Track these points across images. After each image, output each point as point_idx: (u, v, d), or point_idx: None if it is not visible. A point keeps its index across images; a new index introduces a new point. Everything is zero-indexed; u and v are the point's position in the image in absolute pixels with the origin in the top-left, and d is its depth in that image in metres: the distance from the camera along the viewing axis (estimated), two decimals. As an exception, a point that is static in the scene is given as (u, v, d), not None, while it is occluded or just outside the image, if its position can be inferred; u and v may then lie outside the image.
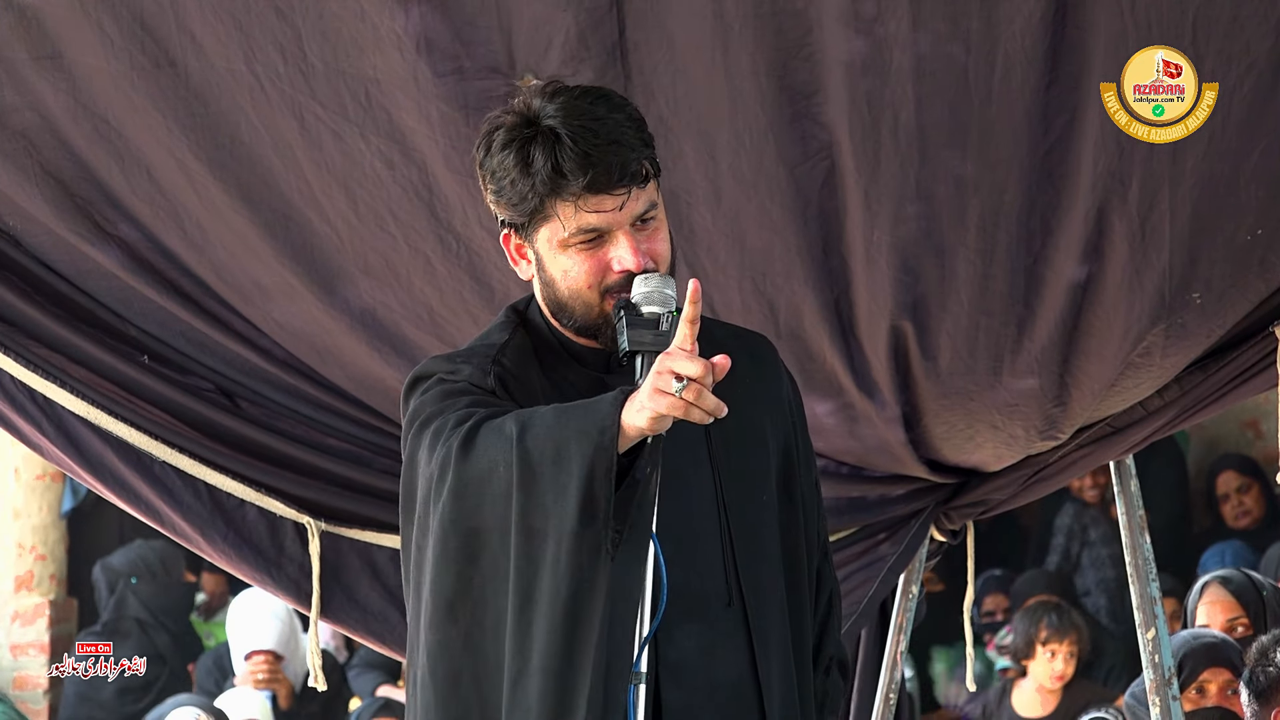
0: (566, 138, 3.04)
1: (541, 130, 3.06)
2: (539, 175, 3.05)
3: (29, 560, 9.34)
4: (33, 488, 9.38)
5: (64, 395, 4.12)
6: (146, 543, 9.16)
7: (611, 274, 3.08)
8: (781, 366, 3.32)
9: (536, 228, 3.11)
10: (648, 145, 3.11)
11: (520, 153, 3.07)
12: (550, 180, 3.04)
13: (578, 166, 3.03)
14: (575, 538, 2.89)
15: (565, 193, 3.05)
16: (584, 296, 3.10)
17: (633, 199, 3.07)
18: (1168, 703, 4.44)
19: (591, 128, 3.06)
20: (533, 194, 3.06)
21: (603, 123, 3.07)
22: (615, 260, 3.07)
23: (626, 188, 3.06)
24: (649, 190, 3.10)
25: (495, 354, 3.16)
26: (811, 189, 3.90)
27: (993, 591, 9.03)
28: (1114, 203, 3.87)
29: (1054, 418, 4.16)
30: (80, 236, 4.05)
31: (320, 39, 3.82)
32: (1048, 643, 7.82)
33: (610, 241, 3.08)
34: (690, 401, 2.82)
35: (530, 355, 3.18)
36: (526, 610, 2.93)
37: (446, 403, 3.07)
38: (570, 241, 3.08)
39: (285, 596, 4.35)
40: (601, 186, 3.05)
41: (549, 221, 3.09)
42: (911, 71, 3.77)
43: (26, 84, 3.93)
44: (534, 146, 3.06)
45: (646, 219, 3.10)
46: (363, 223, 3.98)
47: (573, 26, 3.77)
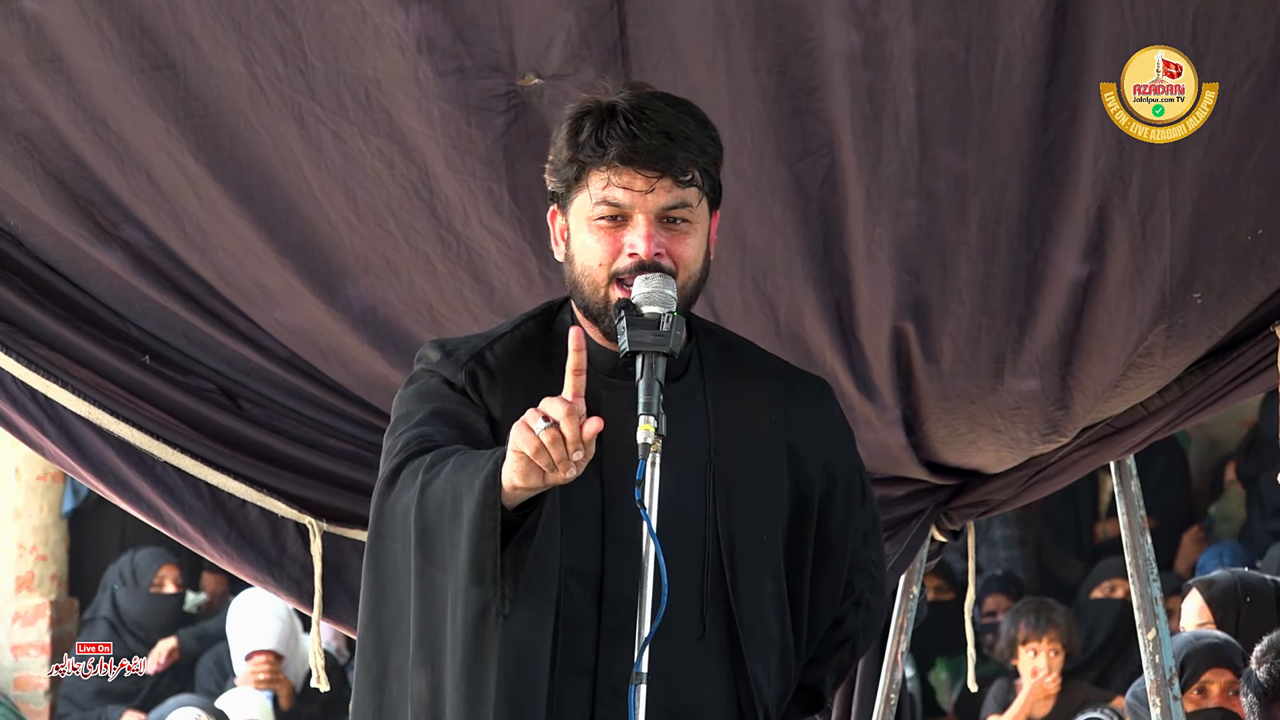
0: (621, 115, 3.08)
1: (603, 106, 3.10)
2: (583, 143, 3.08)
3: (30, 560, 9.33)
4: (34, 488, 9.37)
5: (66, 395, 4.12)
6: (137, 550, 9.19)
7: (623, 259, 3.08)
8: (830, 415, 3.28)
9: (572, 198, 3.13)
10: (705, 155, 3.12)
11: (575, 122, 3.11)
12: (590, 148, 3.07)
13: (616, 138, 3.06)
14: (466, 595, 2.93)
15: (600, 162, 3.07)
16: (593, 276, 3.10)
17: (663, 188, 3.08)
18: (1168, 703, 4.44)
19: (649, 114, 3.09)
20: (573, 161, 3.09)
21: (662, 114, 3.10)
22: (629, 244, 3.08)
23: (659, 173, 3.07)
24: (687, 193, 3.10)
25: (484, 346, 3.18)
26: (812, 185, 3.90)
27: (994, 592, 9.04)
28: (1114, 201, 3.87)
29: (1056, 420, 4.15)
30: (82, 237, 4.06)
31: (320, 39, 3.82)
32: (1027, 642, 7.89)
33: (630, 225, 3.09)
34: (545, 444, 2.81)
35: (533, 348, 3.19)
36: (425, 661, 2.98)
37: (411, 408, 3.12)
38: (594, 216, 3.09)
39: (287, 597, 4.35)
40: (632, 162, 3.06)
41: (583, 191, 3.10)
42: (912, 68, 3.78)
43: (27, 88, 3.93)
44: (589, 118, 3.10)
45: (675, 218, 3.10)
46: (363, 222, 3.99)
47: (574, 25, 3.77)
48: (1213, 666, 5.05)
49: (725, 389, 3.19)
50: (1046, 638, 7.87)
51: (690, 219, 3.11)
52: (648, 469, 2.96)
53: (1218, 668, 5.05)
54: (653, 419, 2.95)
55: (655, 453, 2.94)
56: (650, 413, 2.96)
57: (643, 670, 2.92)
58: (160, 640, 8.94)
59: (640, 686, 2.92)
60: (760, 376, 3.21)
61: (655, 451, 2.94)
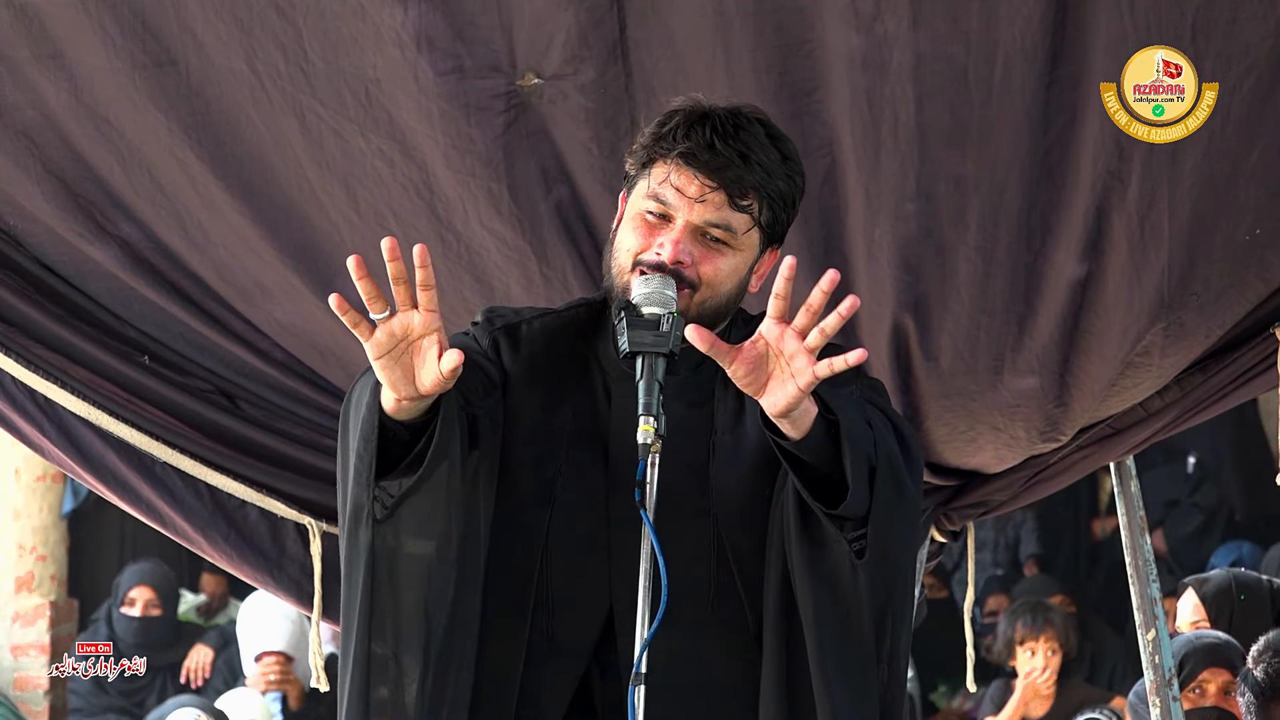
0: (711, 121, 3.12)
1: (701, 108, 3.15)
2: (665, 133, 3.12)
3: (29, 561, 9.33)
4: (33, 488, 9.37)
5: (65, 396, 4.12)
6: (132, 563, 9.19)
7: (650, 253, 3.11)
8: (852, 381, 3.24)
9: (635, 184, 3.17)
10: (775, 189, 3.13)
11: (671, 113, 3.16)
12: (667, 139, 3.11)
13: (689, 138, 3.10)
14: (349, 495, 3.13)
15: (668, 156, 3.11)
16: (620, 262, 3.14)
17: (714, 203, 3.10)
18: (1168, 703, 4.44)
19: (738, 131, 3.12)
20: (648, 147, 3.13)
21: (752, 136, 3.13)
22: (658, 243, 3.11)
23: (716, 185, 3.09)
24: (737, 217, 3.11)
25: (523, 320, 3.24)
26: (812, 186, 3.90)
27: (995, 592, 9.05)
28: (1113, 201, 3.87)
29: (1055, 419, 4.15)
30: (81, 236, 4.06)
31: (321, 37, 3.82)
32: (1024, 641, 7.90)
33: (668, 227, 3.11)
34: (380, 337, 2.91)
35: (572, 332, 3.22)
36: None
37: None
38: (641, 205, 3.13)
39: (287, 597, 4.35)
40: (696, 165, 3.09)
41: (645, 180, 3.14)
42: (912, 70, 3.78)
43: (28, 83, 3.93)
44: (683, 113, 3.14)
45: (715, 237, 3.11)
46: (363, 221, 3.99)
47: (574, 25, 3.77)
48: (1210, 666, 5.06)
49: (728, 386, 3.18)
50: (1044, 637, 7.89)
51: (731, 243, 3.12)
52: (648, 469, 2.96)
53: (1215, 667, 5.06)
54: (652, 419, 2.96)
55: (655, 453, 2.95)
56: (650, 413, 2.97)
57: (643, 671, 2.92)
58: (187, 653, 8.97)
59: (640, 688, 2.92)
60: None
61: (655, 452, 2.95)
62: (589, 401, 3.20)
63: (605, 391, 3.19)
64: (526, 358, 3.20)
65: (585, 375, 3.14)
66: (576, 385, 3.21)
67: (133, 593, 9.04)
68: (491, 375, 3.19)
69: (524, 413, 3.18)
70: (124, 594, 9.03)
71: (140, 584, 9.05)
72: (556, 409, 3.19)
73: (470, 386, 3.11)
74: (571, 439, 3.17)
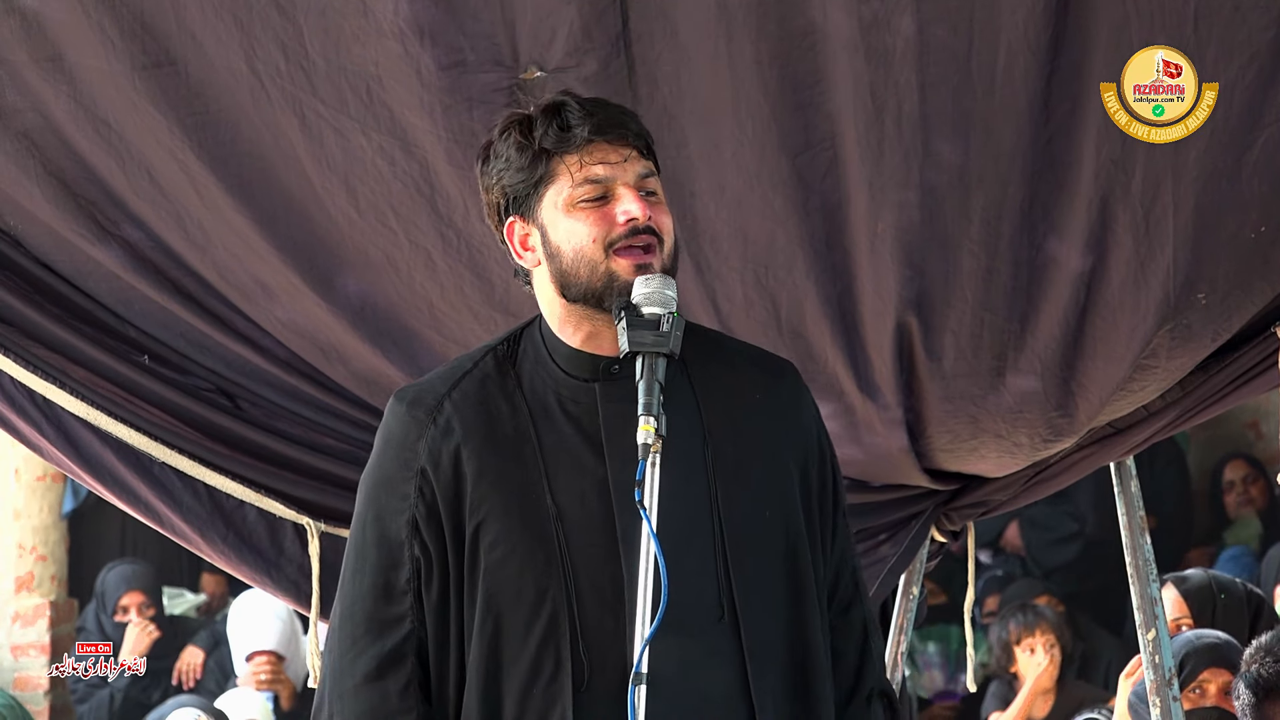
0: (571, 102, 3.11)
1: (544, 107, 3.13)
2: (545, 135, 3.09)
3: (29, 561, 9.33)
4: (33, 488, 9.37)
5: (64, 396, 4.11)
6: (111, 568, 9.18)
7: (616, 227, 3.08)
8: (804, 394, 3.28)
9: (541, 195, 3.12)
10: (649, 138, 3.16)
11: (522, 127, 3.13)
12: (556, 136, 3.09)
13: (583, 119, 3.09)
14: None
15: (571, 146, 3.09)
16: (589, 256, 3.09)
17: (634, 158, 3.12)
18: (1168, 703, 4.44)
19: (592, 100, 3.15)
20: (538, 157, 3.10)
21: (600, 100, 3.18)
22: (621, 213, 3.09)
23: (629, 145, 3.11)
24: (649, 164, 3.14)
25: (444, 396, 3.15)
26: (814, 179, 3.90)
27: (994, 592, 9.04)
28: (1117, 193, 3.87)
29: (1058, 425, 4.14)
30: (82, 237, 4.05)
31: (322, 35, 3.82)
32: (1021, 640, 7.89)
33: (614, 198, 3.09)
34: None
35: (492, 379, 3.17)
36: None
37: (355, 583, 3.18)
38: (576, 198, 3.09)
39: (285, 597, 4.34)
40: (605, 133, 3.09)
41: (554, 182, 3.11)
42: (915, 60, 3.78)
43: (28, 86, 3.93)
44: (537, 118, 3.12)
45: (648, 189, 3.12)
46: (364, 218, 3.98)
47: (576, 19, 3.77)
48: (1210, 666, 5.05)
49: (708, 374, 3.18)
50: (1039, 630, 7.88)
51: (658, 190, 3.15)
52: (648, 469, 2.96)
53: (1215, 667, 5.05)
54: (653, 419, 2.96)
55: (655, 453, 2.94)
56: (650, 413, 2.96)
57: (643, 671, 2.92)
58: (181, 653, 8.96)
59: (640, 688, 2.91)
60: (736, 361, 3.22)
61: (655, 452, 2.94)
62: (552, 428, 3.16)
63: (564, 413, 3.15)
64: (466, 433, 3.13)
65: (537, 413, 3.13)
66: (527, 424, 3.17)
67: (124, 600, 9.02)
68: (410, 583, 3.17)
69: (495, 480, 3.13)
70: (115, 603, 9.00)
71: (129, 591, 9.03)
72: (522, 455, 3.15)
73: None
74: (550, 472, 3.13)
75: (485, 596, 3.08)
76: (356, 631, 3.14)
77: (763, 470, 3.16)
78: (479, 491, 3.10)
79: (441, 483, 3.12)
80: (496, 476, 3.11)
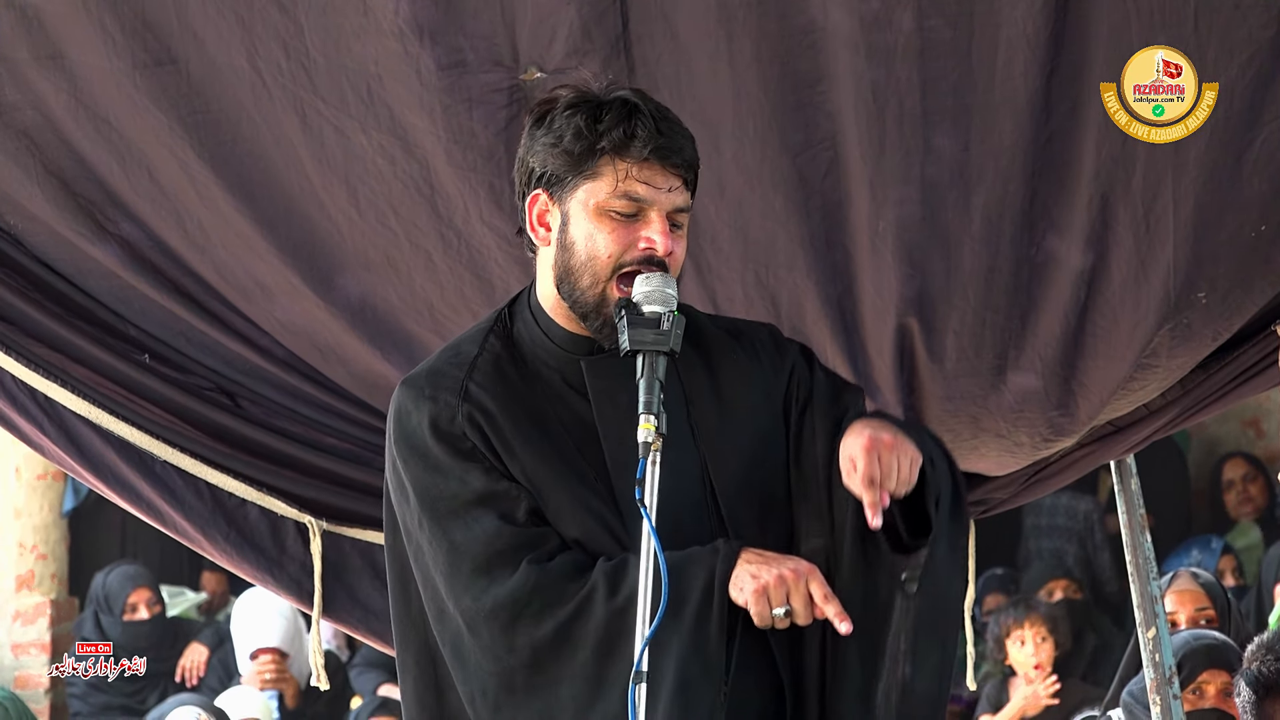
0: (643, 109, 3.11)
1: (616, 99, 3.13)
2: (608, 132, 3.09)
3: (30, 559, 9.34)
4: (34, 487, 9.38)
5: (66, 395, 4.12)
6: (110, 571, 9.18)
7: (634, 251, 3.10)
8: (787, 347, 3.29)
9: (578, 185, 3.12)
10: (696, 167, 3.18)
11: (591, 111, 3.12)
12: (619, 141, 3.09)
13: (649, 135, 3.09)
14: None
15: (627, 155, 3.09)
16: (597, 267, 3.11)
17: (678, 190, 3.13)
18: (1168, 702, 4.44)
19: (664, 113, 3.14)
20: (594, 148, 3.10)
21: (676, 120, 3.16)
22: (644, 238, 3.10)
23: (680, 175, 3.12)
24: (688, 198, 3.16)
25: (464, 380, 3.16)
26: (815, 178, 3.90)
27: (994, 591, 9.04)
28: (1117, 191, 3.87)
29: (1059, 424, 4.14)
30: (81, 235, 4.06)
31: (323, 33, 3.82)
32: (1010, 632, 7.89)
33: (644, 221, 3.11)
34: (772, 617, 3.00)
35: (505, 360, 3.19)
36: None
37: (455, 519, 3.11)
38: (608, 206, 3.10)
39: (287, 595, 4.35)
40: (663, 159, 3.10)
41: (595, 180, 3.11)
42: (916, 57, 3.78)
43: (28, 83, 3.93)
44: (607, 109, 3.12)
45: (679, 222, 3.14)
46: (364, 218, 3.99)
47: (576, 19, 3.77)
48: (1210, 667, 5.06)
49: (688, 355, 3.17)
50: (1028, 621, 7.89)
51: (684, 225, 3.16)
52: (648, 468, 2.96)
53: (1214, 668, 5.05)
54: (653, 418, 2.96)
55: (656, 451, 2.95)
56: (651, 411, 2.97)
57: (644, 669, 2.92)
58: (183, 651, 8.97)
59: (641, 686, 2.92)
60: (714, 336, 3.24)
61: (656, 450, 2.95)
62: (565, 405, 3.19)
63: (567, 384, 3.18)
64: (495, 411, 3.14)
65: (541, 391, 3.14)
66: (543, 400, 3.19)
67: (132, 598, 9.03)
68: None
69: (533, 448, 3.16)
70: (124, 602, 9.00)
71: (137, 589, 9.04)
72: (549, 428, 3.17)
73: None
74: (578, 444, 3.16)
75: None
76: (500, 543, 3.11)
77: (743, 435, 3.17)
78: (518, 467, 3.12)
79: (489, 454, 3.13)
80: (536, 451, 3.13)
